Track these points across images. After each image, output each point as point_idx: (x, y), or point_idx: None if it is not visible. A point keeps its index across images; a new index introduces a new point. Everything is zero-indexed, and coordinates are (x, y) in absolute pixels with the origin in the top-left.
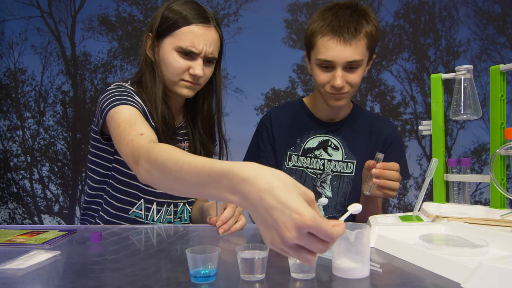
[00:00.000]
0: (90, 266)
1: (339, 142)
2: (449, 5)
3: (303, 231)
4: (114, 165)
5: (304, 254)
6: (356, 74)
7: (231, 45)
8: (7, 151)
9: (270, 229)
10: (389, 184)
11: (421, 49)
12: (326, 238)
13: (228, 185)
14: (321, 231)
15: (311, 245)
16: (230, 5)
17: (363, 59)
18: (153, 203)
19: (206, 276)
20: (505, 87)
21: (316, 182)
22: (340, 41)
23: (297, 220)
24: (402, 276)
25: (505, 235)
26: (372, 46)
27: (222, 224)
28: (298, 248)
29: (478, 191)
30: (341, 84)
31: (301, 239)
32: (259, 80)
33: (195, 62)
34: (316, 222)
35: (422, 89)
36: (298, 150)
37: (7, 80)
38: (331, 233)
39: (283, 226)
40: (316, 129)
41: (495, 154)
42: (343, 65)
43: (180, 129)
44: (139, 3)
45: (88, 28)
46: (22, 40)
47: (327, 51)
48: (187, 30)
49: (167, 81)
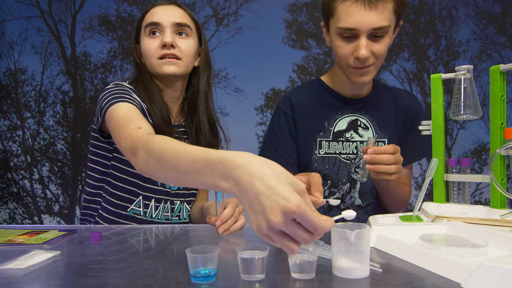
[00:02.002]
0: (90, 266)
1: (368, 121)
2: (449, 5)
3: (289, 216)
4: (113, 163)
5: (288, 242)
6: (382, 44)
7: (231, 45)
8: (7, 151)
9: (257, 213)
10: (383, 168)
11: (421, 49)
12: (310, 228)
13: (222, 172)
14: (306, 219)
15: (295, 232)
16: (230, 5)
17: (390, 25)
18: (152, 199)
19: (206, 276)
20: (505, 87)
21: (350, 168)
22: (364, 4)
23: (283, 204)
24: (402, 276)
25: (505, 235)
26: (400, 9)
27: (221, 223)
28: (283, 235)
29: (478, 191)
30: (366, 54)
31: (286, 224)
32: (259, 80)
33: (164, 34)
34: (301, 209)
35: (422, 89)
36: (328, 135)
37: (7, 80)
38: (315, 222)
39: (270, 210)
40: (342, 108)
41: (495, 154)
42: (367, 33)
43: (178, 127)
44: (139, 3)
45: (88, 28)
46: (22, 40)
47: (349, 17)
48: (149, 13)
49: (151, 68)
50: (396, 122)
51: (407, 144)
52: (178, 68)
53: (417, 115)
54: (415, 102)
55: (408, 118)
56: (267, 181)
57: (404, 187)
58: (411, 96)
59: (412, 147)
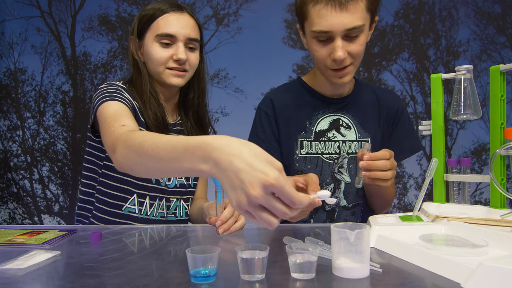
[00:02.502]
0: (90, 266)
1: (350, 120)
2: (449, 5)
3: (268, 190)
4: (106, 162)
5: (267, 216)
6: (358, 43)
7: (231, 45)
8: (7, 151)
9: (237, 189)
10: (379, 175)
11: (421, 49)
12: (288, 202)
13: (201, 155)
14: (284, 193)
15: (274, 206)
16: (230, 5)
17: (364, 23)
18: (146, 197)
19: (206, 276)
20: (505, 87)
21: (334, 168)
22: (335, 6)
23: (262, 178)
24: (402, 276)
25: (505, 235)
26: (373, 6)
27: (221, 223)
28: (262, 209)
29: (478, 191)
30: (343, 55)
31: (265, 198)
32: (259, 80)
33: (176, 48)
34: (280, 182)
35: (422, 89)
36: (309, 135)
37: (7, 80)
38: (292, 196)
39: (249, 185)
40: (323, 108)
41: (495, 154)
42: (342, 34)
43: (174, 126)
44: (139, 3)
45: (88, 28)
46: (22, 40)
47: (321, 20)
48: (162, 19)
49: (154, 74)
50: (379, 121)
51: (391, 143)
52: (184, 80)
53: (400, 114)
54: (398, 100)
55: (391, 116)
56: (245, 158)
57: (391, 188)
58: (393, 95)
59: (396, 146)
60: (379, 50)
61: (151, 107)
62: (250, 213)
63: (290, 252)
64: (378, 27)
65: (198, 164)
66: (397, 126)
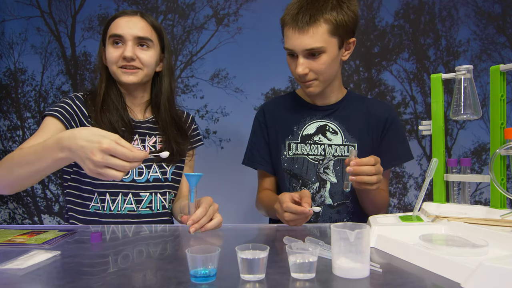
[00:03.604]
0: (90, 266)
1: (337, 126)
2: (449, 5)
3: (105, 152)
4: (75, 169)
5: (111, 171)
6: (319, 62)
7: (231, 45)
8: (7, 151)
9: (85, 160)
10: (365, 179)
11: (421, 49)
12: (124, 157)
13: (57, 147)
14: (117, 152)
15: (114, 163)
16: (230, 5)
17: (324, 45)
18: (106, 194)
19: (206, 276)
20: (505, 87)
21: (319, 168)
22: (297, 30)
23: (98, 146)
24: (402, 276)
25: (505, 235)
26: (340, 30)
27: (193, 223)
28: (107, 168)
29: (478, 191)
30: (301, 72)
31: (105, 159)
32: (259, 80)
33: (125, 47)
34: (111, 146)
35: (422, 89)
36: (296, 138)
37: (7, 80)
38: (125, 153)
39: (91, 153)
40: (311, 115)
41: (495, 154)
42: (303, 53)
43: (144, 123)
44: (139, 3)
45: (88, 28)
46: (22, 40)
47: (288, 40)
48: (114, 23)
49: (113, 74)
50: (367, 128)
51: (382, 151)
52: (137, 78)
53: (390, 123)
54: (388, 110)
55: (380, 125)
56: (85, 137)
57: (383, 194)
58: (384, 105)
59: (386, 154)
60: (379, 50)
61: (114, 109)
62: (101, 174)
63: (290, 252)
64: (378, 27)
65: (57, 154)
66: (387, 135)
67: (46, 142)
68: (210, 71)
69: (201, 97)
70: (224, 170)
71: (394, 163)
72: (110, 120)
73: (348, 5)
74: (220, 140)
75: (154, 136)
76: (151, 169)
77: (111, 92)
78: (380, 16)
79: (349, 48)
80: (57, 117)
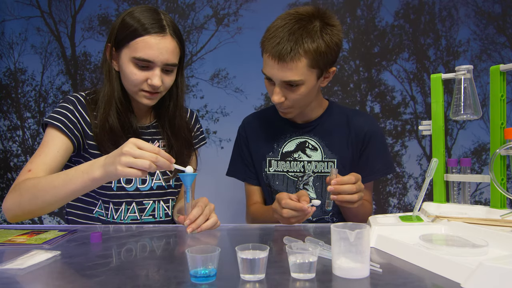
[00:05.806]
0: (90, 266)
1: (317, 143)
2: (449, 5)
3: (134, 144)
4: None
5: (141, 161)
6: (296, 93)
7: (231, 45)
8: (7, 151)
9: (117, 158)
10: (346, 198)
11: (421, 49)
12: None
13: (87, 168)
14: (139, 143)
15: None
16: (230, 5)
17: (303, 78)
18: (110, 203)
19: (206, 276)
20: (505, 87)
21: (298, 185)
22: (275, 60)
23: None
24: (402, 276)
25: (505, 235)
26: (320, 62)
27: (190, 223)
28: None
29: (478, 191)
30: (277, 100)
31: (133, 149)
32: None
33: (152, 73)
34: (137, 140)
35: (422, 89)
36: (276, 155)
37: (7, 80)
38: (150, 146)
39: (120, 148)
40: (291, 132)
41: (495, 154)
42: (279, 83)
43: (149, 128)
44: (139, 3)
45: (88, 28)
46: (22, 40)
47: (266, 66)
48: (141, 41)
49: (128, 90)
50: (347, 142)
51: (361, 164)
52: (156, 101)
53: (369, 136)
54: (369, 123)
55: (360, 138)
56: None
57: (367, 204)
58: (365, 117)
59: (366, 167)
60: (379, 50)
61: (116, 112)
62: (131, 163)
63: (290, 252)
64: (378, 27)
65: (93, 174)
66: (367, 149)
67: (78, 166)
68: (210, 71)
69: (201, 97)
70: (224, 170)
71: (374, 177)
72: (117, 126)
73: (331, 36)
74: (220, 140)
75: (157, 140)
76: (154, 177)
77: (118, 96)
78: (380, 16)
79: (329, 76)
80: (60, 129)
